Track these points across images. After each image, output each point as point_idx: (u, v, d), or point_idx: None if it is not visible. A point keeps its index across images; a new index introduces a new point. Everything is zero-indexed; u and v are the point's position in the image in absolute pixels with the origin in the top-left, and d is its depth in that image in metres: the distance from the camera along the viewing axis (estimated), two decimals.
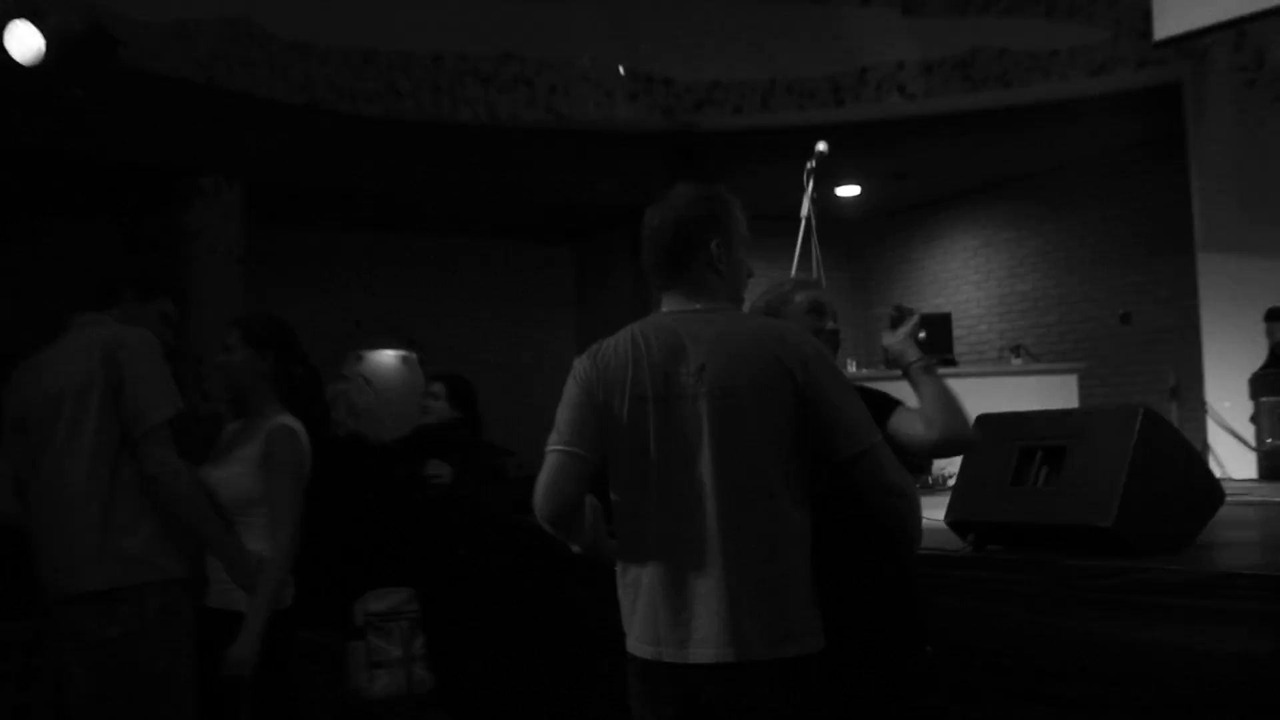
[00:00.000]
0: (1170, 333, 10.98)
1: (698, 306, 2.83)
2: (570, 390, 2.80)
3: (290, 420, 3.72)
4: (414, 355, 13.38)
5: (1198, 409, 9.72)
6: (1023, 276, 12.77)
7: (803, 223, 6.16)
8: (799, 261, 6.13)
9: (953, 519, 4.14)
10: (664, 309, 2.88)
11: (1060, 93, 9.67)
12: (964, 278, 13.44)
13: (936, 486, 8.35)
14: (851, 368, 10.63)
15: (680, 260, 2.86)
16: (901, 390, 3.25)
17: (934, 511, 4.47)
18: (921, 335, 3.22)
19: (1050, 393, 9.35)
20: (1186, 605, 3.33)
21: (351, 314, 13.26)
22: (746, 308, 3.11)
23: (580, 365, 2.83)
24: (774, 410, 2.68)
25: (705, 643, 2.64)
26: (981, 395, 9.16)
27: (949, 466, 8.30)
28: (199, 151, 10.07)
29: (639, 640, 2.73)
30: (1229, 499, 4.03)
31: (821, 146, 6.29)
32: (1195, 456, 3.96)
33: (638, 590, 2.74)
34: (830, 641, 2.70)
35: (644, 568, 2.73)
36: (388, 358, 13.38)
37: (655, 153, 10.82)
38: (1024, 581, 3.72)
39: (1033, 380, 9.85)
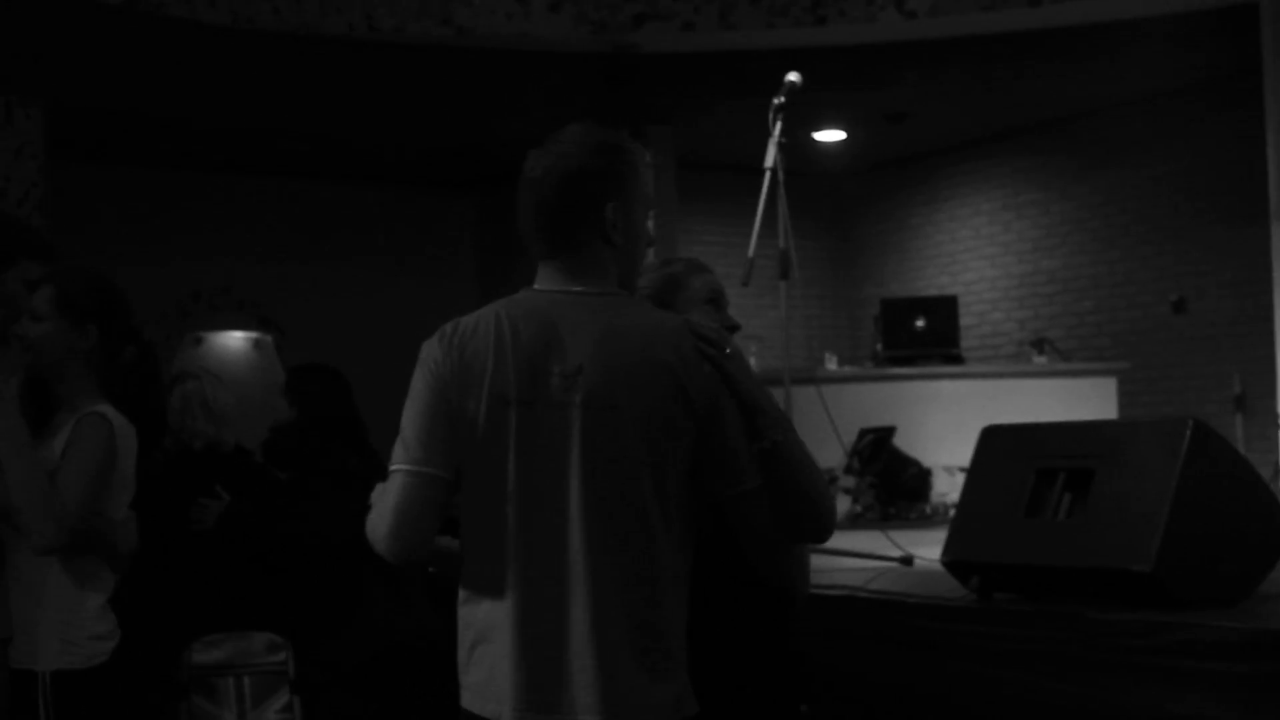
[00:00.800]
0: (1236, 326, 11.11)
1: (579, 289, 2.88)
2: (417, 386, 2.84)
3: (108, 409, 3.68)
4: (269, 338, 13.28)
5: (1269, 423, 9.83)
6: (1050, 251, 12.87)
7: (767, 176, 6.14)
8: (761, 226, 6.12)
9: (951, 559, 4.16)
10: (538, 285, 2.93)
11: (1101, 13, 9.74)
12: (976, 251, 13.53)
13: (935, 517, 8.42)
14: (832, 364, 10.69)
15: (565, 224, 2.91)
16: (895, 394, 3.32)
17: (930, 549, 4.50)
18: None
19: (1082, 400, 9.46)
20: (1243, 672, 3.37)
21: (187, 283, 13.13)
22: None
23: (429, 352, 2.85)
24: (659, 431, 2.75)
25: (570, 708, 2.69)
26: (995, 401, 9.25)
27: (951, 494, 8.37)
28: None
29: (477, 694, 2.77)
30: None
31: (793, 77, 6.27)
32: (1260, 484, 4.00)
33: (485, 631, 2.78)
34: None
35: (495, 605, 2.77)
36: (235, 341, 13.27)
37: (581, 80, 10.79)
38: (1038, 639, 3.75)
39: (1060, 384, 9.96)
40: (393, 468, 2.78)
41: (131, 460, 3.74)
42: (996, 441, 4.23)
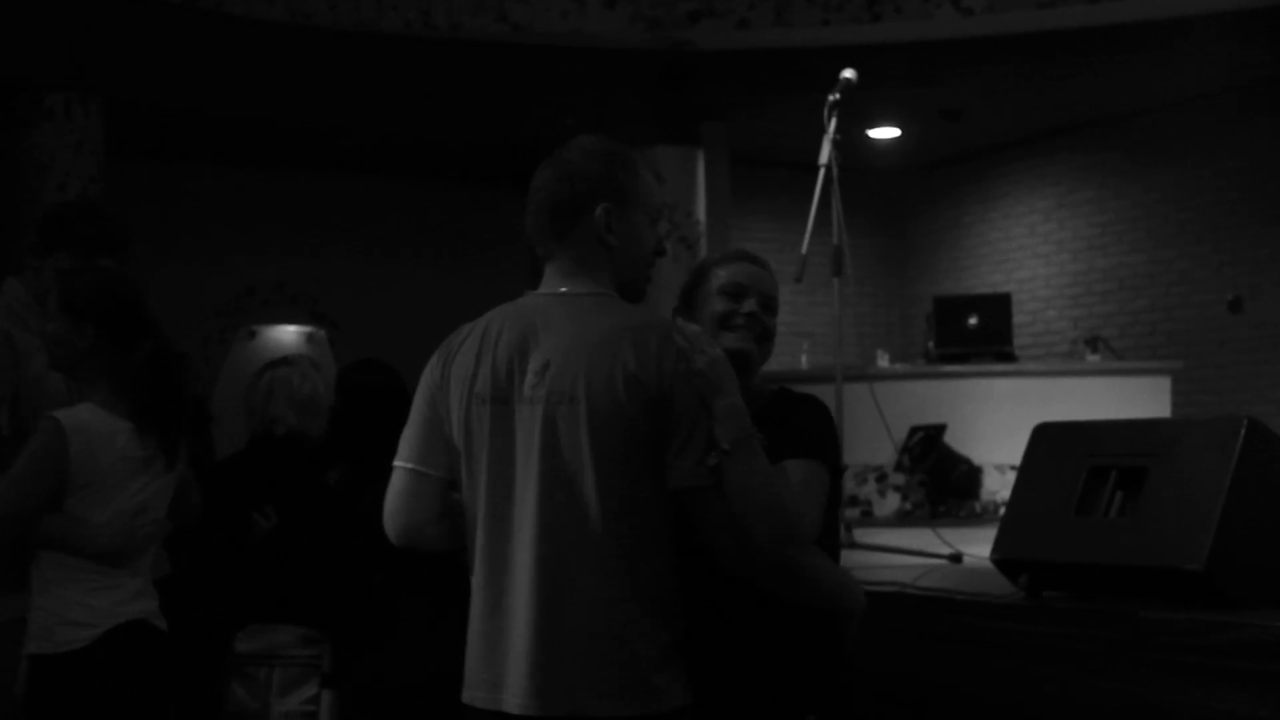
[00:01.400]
0: None
1: (566, 289, 2.99)
2: (416, 396, 3.09)
3: (79, 411, 3.77)
4: (322, 332, 13.35)
5: None
6: (1104, 249, 12.81)
7: (821, 173, 6.14)
8: (815, 224, 6.11)
9: (1001, 556, 4.15)
10: (539, 289, 3.04)
11: (1157, 10, 9.69)
12: (1030, 249, 13.48)
13: (984, 515, 8.40)
14: (884, 362, 10.66)
15: (559, 226, 3.01)
16: (947, 392, 3.39)
17: (979, 546, 4.49)
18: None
19: (1136, 398, 9.40)
20: None
21: (241, 277, 13.23)
22: None
23: (429, 365, 3.09)
24: (613, 429, 2.83)
25: (512, 690, 2.86)
26: (1047, 400, 9.21)
27: (1001, 492, 8.34)
28: (45, 60, 10.02)
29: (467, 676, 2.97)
30: None
31: (849, 74, 6.27)
32: None
33: (471, 620, 2.98)
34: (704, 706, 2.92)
35: (474, 596, 2.97)
36: (288, 335, 13.34)
37: (636, 78, 10.80)
38: (1087, 638, 3.74)
39: (1114, 382, 9.89)
40: (395, 463, 3.05)
41: (110, 459, 3.78)
42: (1048, 439, 4.22)
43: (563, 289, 2.99)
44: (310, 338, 13.31)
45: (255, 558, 5.25)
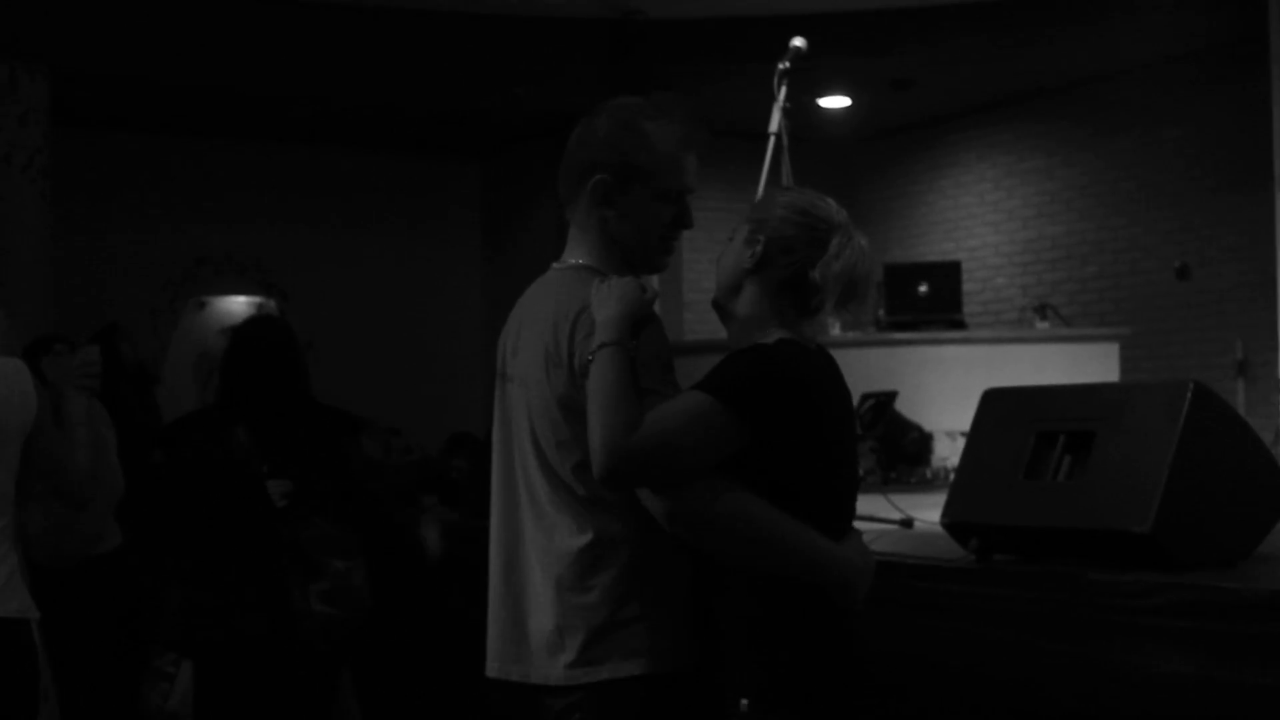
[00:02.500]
0: (1239, 291, 11.11)
1: (558, 264, 3.03)
2: None
3: None
4: (272, 303, 13.30)
5: (1270, 389, 9.86)
6: (1053, 217, 12.87)
7: (771, 141, 6.14)
8: (764, 192, 6.12)
9: (950, 520, 4.18)
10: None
11: None
12: (979, 217, 13.53)
13: (935, 481, 8.44)
14: (835, 330, 10.68)
15: (565, 191, 3.06)
16: (897, 359, 3.38)
17: (929, 511, 4.52)
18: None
19: (1084, 365, 9.46)
20: (1242, 632, 3.38)
21: (192, 248, 13.15)
22: None
23: None
24: (543, 408, 2.88)
25: (491, 655, 3.01)
26: (997, 366, 9.26)
27: (951, 458, 8.38)
28: None
29: None
30: None
31: (798, 42, 6.27)
32: (1260, 447, 4.00)
33: None
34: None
35: None
36: (238, 306, 13.29)
37: (587, 47, 10.78)
38: (1037, 600, 3.77)
39: (1063, 349, 9.96)
40: None
41: None
42: (997, 404, 4.25)
43: (557, 263, 3.02)
44: (260, 308, 13.26)
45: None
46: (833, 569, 2.82)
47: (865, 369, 9.22)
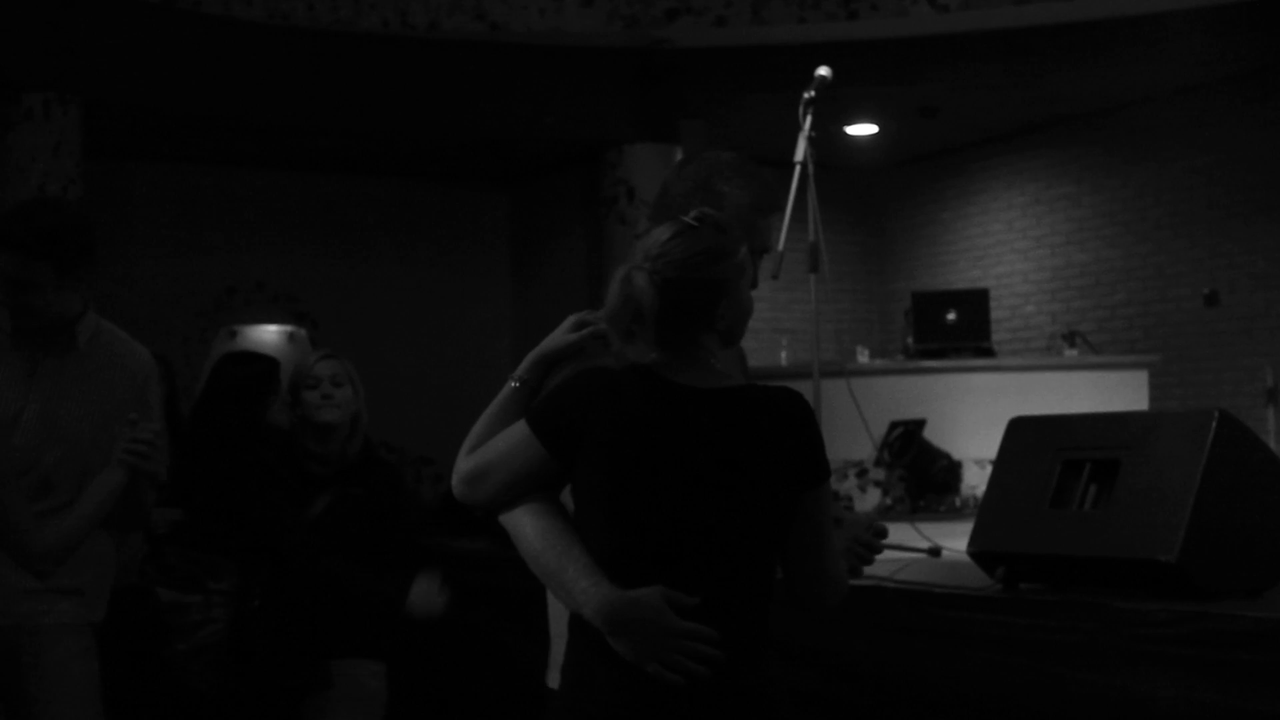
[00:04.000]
0: (1268, 318, 11.09)
1: None
2: None
3: None
4: (303, 331, 13.34)
5: None
6: (1082, 244, 12.85)
7: (797, 170, 6.17)
8: (791, 220, 6.14)
9: (977, 549, 4.18)
10: None
11: (1136, 6, 9.74)
12: (1008, 244, 13.52)
13: (964, 509, 8.43)
14: (863, 358, 10.70)
15: None
16: (926, 387, 3.39)
17: (958, 540, 4.53)
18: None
19: (1113, 392, 9.46)
20: (1268, 661, 3.39)
21: (221, 277, 13.20)
22: None
23: None
24: None
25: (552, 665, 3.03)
26: (1026, 394, 9.25)
27: (981, 486, 8.38)
28: (24, 60, 10.01)
29: None
30: None
31: (823, 71, 6.29)
32: None
33: None
34: None
35: None
36: (269, 335, 13.33)
37: (614, 76, 10.82)
38: (1063, 629, 3.77)
39: (1091, 376, 9.96)
40: None
41: None
42: (1023, 432, 4.25)
43: None
44: (291, 337, 13.29)
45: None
46: (575, 600, 2.74)
47: (894, 397, 9.24)
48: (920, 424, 8.92)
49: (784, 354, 11.64)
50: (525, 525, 2.81)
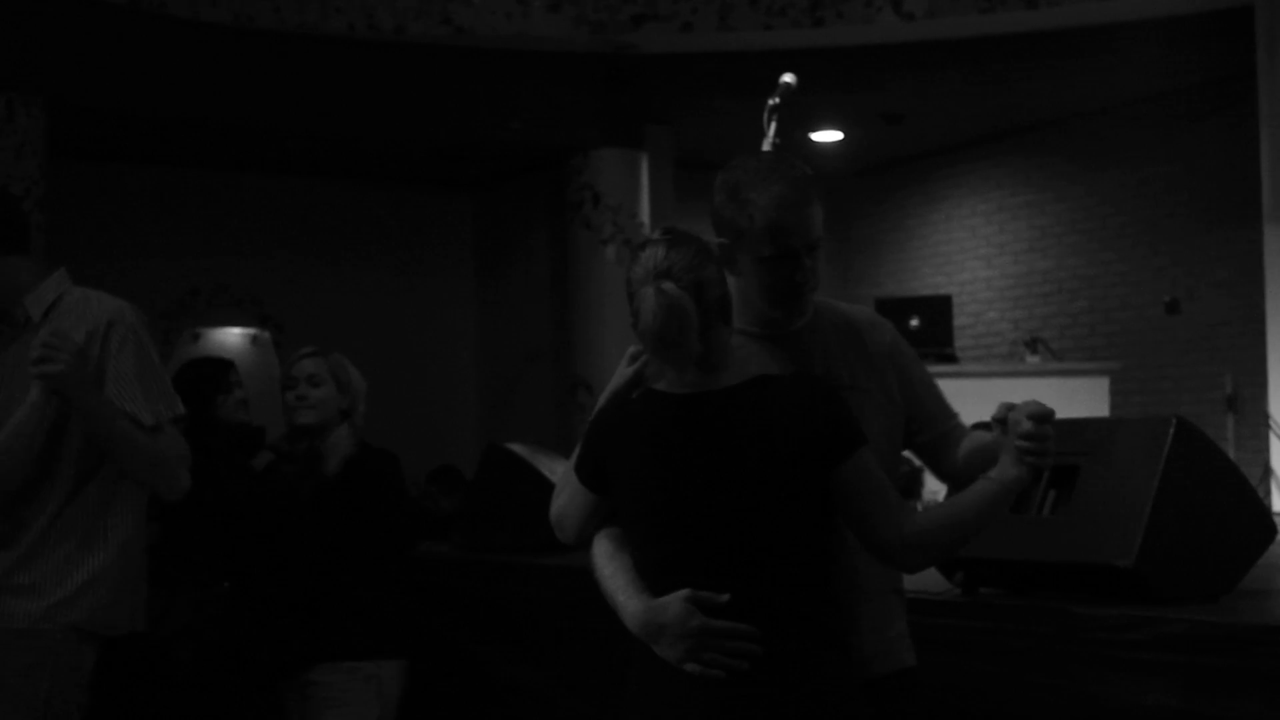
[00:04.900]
0: (1228, 326, 11.14)
1: None
2: None
3: None
4: (266, 334, 13.31)
5: (1260, 424, 9.87)
6: (1044, 251, 12.90)
7: None
8: None
9: None
10: None
11: (1099, 15, 9.77)
12: (971, 252, 13.56)
13: None
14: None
15: None
16: None
17: None
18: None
19: (1075, 399, 9.46)
20: (1225, 666, 3.41)
21: (185, 280, 13.17)
22: None
23: None
24: None
25: None
26: (988, 400, 9.22)
27: (942, 492, 8.41)
28: None
29: None
30: None
31: (788, 78, 6.30)
32: (1243, 482, 4.04)
33: None
34: None
35: None
36: (232, 338, 13.30)
37: (580, 81, 10.83)
38: (1021, 633, 3.79)
39: (1053, 383, 9.97)
40: None
41: None
42: None
43: None
44: (255, 340, 13.27)
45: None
46: (621, 617, 2.92)
47: None
48: None
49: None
50: (595, 555, 3.03)
